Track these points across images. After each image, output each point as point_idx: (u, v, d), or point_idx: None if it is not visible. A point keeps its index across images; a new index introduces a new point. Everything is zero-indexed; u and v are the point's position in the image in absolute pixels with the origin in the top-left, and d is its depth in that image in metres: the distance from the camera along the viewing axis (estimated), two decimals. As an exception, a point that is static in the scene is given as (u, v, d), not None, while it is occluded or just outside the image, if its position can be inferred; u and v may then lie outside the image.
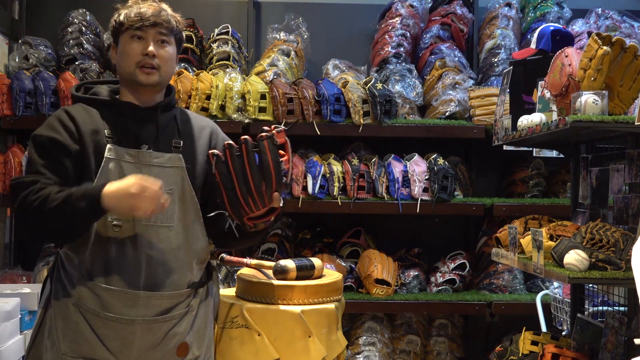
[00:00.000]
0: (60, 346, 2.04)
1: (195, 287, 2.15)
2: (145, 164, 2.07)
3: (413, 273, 4.17)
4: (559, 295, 3.67)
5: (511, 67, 3.16)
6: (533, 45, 3.04)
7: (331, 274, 2.58)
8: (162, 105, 2.16)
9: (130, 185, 1.91)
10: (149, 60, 2.08)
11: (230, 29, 4.31)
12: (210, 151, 2.07)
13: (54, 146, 2.02)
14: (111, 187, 1.92)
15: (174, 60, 2.17)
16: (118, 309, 2.02)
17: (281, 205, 2.08)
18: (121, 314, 2.02)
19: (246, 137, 2.03)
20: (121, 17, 2.11)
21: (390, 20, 4.39)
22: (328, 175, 4.02)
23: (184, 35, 2.24)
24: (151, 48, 2.08)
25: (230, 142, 2.04)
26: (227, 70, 4.12)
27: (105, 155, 2.04)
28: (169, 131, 2.16)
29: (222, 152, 2.03)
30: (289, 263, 2.45)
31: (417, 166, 4.08)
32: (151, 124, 2.13)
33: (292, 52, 4.33)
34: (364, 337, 4.13)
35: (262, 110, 4.01)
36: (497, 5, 4.51)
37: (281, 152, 2.04)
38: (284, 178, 2.03)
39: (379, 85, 4.05)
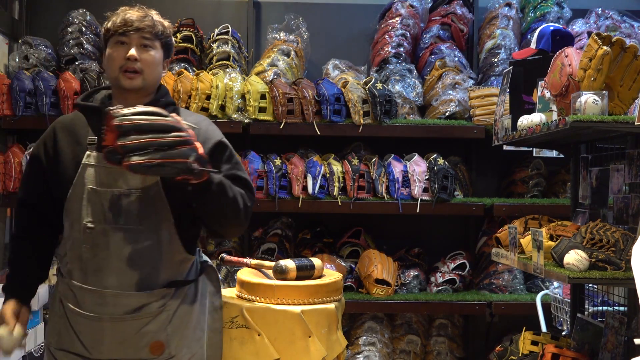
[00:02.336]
0: (48, 337, 2.22)
1: (175, 286, 2.17)
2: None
3: (413, 273, 4.17)
4: (559, 295, 3.67)
5: (511, 67, 3.15)
6: (533, 45, 3.04)
7: (331, 274, 2.57)
8: None
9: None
10: (131, 65, 2.11)
11: (230, 29, 4.31)
12: None
13: (34, 161, 2.24)
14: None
15: (159, 65, 2.18)
16: (89, 306, 2.13)
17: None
18: (91, 311, 2.13)
19: None
20: (109, 25, 2.17)
21: (390, 20, 4.39)
22: (328, 175, 4.02)
23: (173, 40, 2.27)
24: (132, 52, 2.11)
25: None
26: (227, 70, 4.12)
27: (82, 162, 2.12)
28: None
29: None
30: (289, 263, 2.44)
31: (417, 166, 4.08)
32: None
33: (292, 52, 4.33)
34: (364, 337, 4.13)
35: (262, 110, 4.01)
36: (497, 5, 4.51)
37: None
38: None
39: (379, 85, 4.04)
